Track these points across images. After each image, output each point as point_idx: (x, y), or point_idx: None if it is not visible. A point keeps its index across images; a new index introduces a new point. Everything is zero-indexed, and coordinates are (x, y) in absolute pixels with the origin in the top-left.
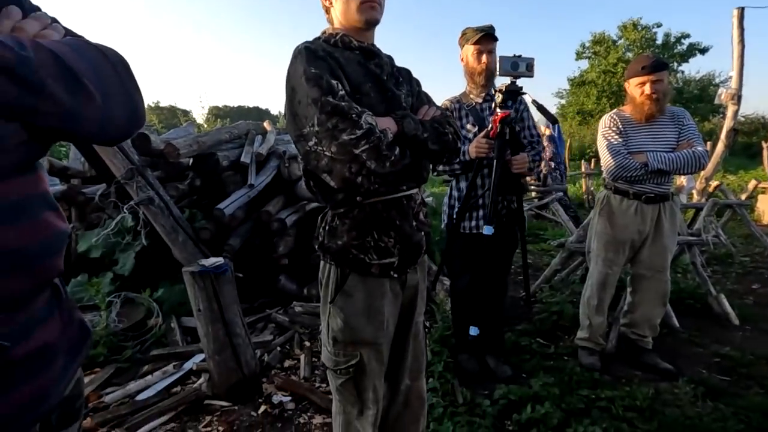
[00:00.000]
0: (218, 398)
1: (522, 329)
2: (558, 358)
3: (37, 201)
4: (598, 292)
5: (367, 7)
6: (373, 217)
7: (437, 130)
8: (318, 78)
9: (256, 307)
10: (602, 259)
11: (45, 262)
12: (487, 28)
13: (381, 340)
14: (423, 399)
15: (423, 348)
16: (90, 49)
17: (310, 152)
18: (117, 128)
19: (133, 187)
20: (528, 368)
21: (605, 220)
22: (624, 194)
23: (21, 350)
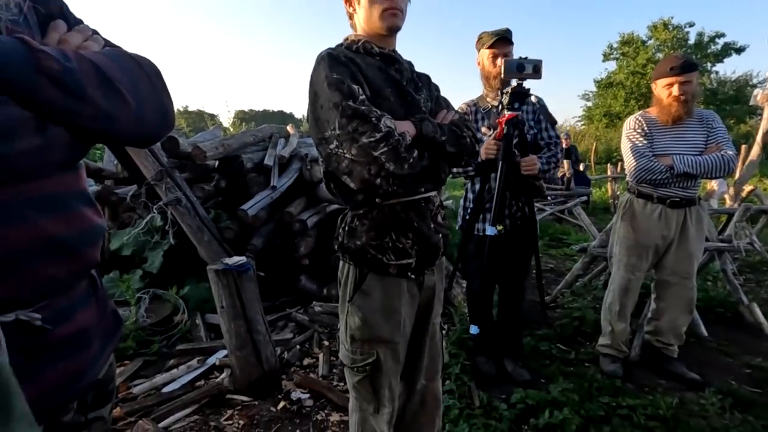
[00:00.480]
0: (239, 393)
1: (542, 334)
2: (578, 364)
3: (76, 196)
4: (620, 298)
5: (389, 14)
6: (392, 218)
7: (455, 133)
8: (339, 83)
9: (277, 306)
10: (624, 264)
11: (82, 251)
12: (503, 32)
13: (397, 339)
14: (439, 399)
15: (439, 349)
16: (126, 59)
17: (331, 155)
18: (149, 130)
19: (162, 188)
20: (547, 373)
21: (628, 225)
22: (647, 198)
23: (61, 333)
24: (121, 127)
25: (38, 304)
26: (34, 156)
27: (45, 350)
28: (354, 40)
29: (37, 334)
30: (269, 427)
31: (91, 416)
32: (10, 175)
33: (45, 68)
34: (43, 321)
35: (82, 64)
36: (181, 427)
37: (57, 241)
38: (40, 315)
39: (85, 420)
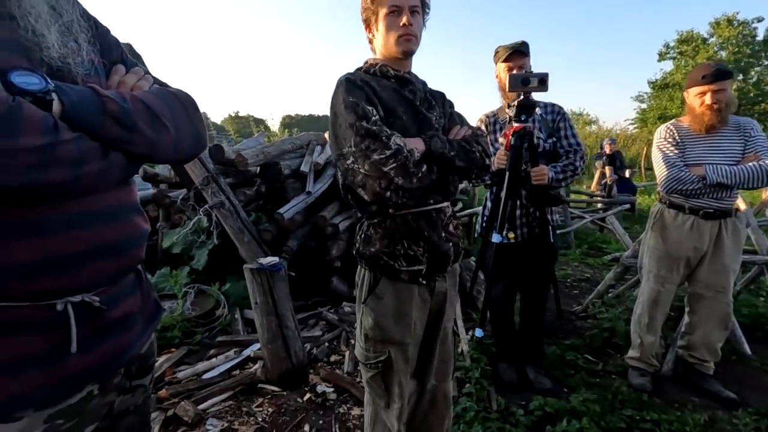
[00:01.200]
0: (270, 383)
1: (569, 344)
2: (605, 375)
3: (128, 207)
4: (650, 310)
5: (403, 40)
6: (404, 227)
7: (464, 149)
8: (355, 105)
9: (309, 305)
10: (654, 275)
11: (130, 252)
12: (517, 46)
13: (408, 341)
14: (449, 400)
15: (451, 352)
16: (168, 96)
17: (348, 169)
18: (184, 152)
19: (208, 192)
20: (571, 383)
21: (657, 235)
22: (679, 209)
23: (113, 314)
24: (163, 152)
25: (96, 290)
26: (99, 176)
27: (102, 327)
28: (372, 64)
29: (96, 314)
30: (295, 416)
31: (135, 383)
32: (81, 191)
33: (109, 110)
34: (100, 303)
35: (135, 103)
36: (217, 410)
37: (111, 243)
38: (98, 298)
39: (130, 386)
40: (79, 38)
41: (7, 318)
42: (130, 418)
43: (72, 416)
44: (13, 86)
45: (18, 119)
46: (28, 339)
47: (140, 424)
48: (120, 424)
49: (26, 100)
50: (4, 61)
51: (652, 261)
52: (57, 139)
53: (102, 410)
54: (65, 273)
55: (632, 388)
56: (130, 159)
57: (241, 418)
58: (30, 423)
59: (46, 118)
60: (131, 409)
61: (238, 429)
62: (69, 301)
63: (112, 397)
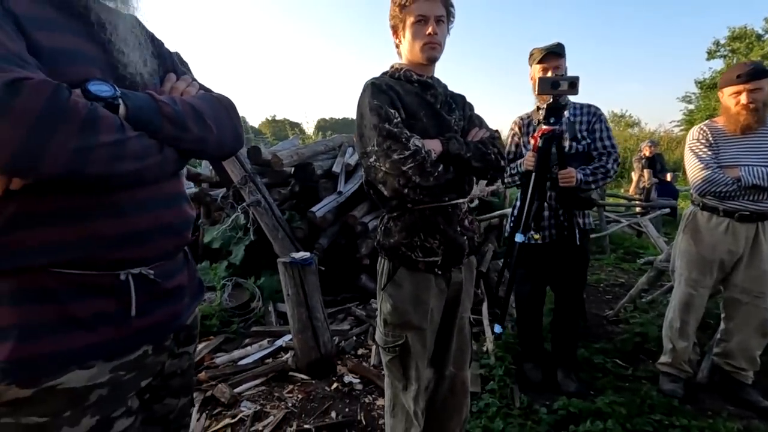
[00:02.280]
0: (300, 372)
1: (599, 347)
2: (635, 380)
3: (179, 195)
4: (681, 314)
5: (428, 47)
6: (421, 221)
7: (480, 150)
8: (379, 108)
9: (339, 301)
10: (686, 279)
11: (182, 233)
12: (552, 47)
13: (425, 326)
14: (466, 388)
15: (468, 341)
16: (211, 99)
17: (371, 167)
18: (226, 149)
19: (245, 191)
20: (598, 386)
21: (689, 238)
22: (713, 211)
23: (167, 285)
24: (209, 147)
25: (153, 265)
26: (157, 168)
27: (157, 296)
28: (398, 68)
29: (151, 285)
30: (323, 403)
31: (181, 350)
32: (144, 180)
33: (164, 112)
34: (155, 276)
35: (185, 106)
36: (251, 394)
37: (168, 224)
38: (153, 272)
39: (178, 351)
40: (146, 54)
41: (87, 282)
42: (177, 380)
43: (131, 369)
44: (89, 93)
45: (97, 119)
46: (101, 300)
47: (185, 386)
48: (169, 383)
49: (99, 105)
50: (93, 75)
51: (684, 264)
52: (125, 136)
53: (156, 368)
54: (136, 246)
55: (662, 394)
56: (180, 154)
57: (273, 402)
58: (99, 371)
59: (115, 119)
60: (178, 372)
61: (270, 412)
62: (130, 273)
63: (163, 358)
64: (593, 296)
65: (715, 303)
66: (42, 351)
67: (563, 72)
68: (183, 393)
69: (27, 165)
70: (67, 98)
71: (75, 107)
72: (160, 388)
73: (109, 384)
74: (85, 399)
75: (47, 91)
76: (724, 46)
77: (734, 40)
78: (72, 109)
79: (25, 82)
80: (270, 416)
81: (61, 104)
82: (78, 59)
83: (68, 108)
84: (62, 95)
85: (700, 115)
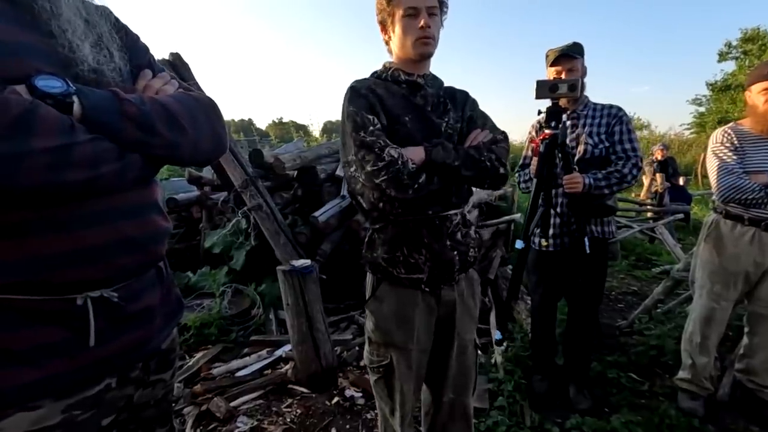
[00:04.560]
0: (299, 384)
1: (612, 360)
2: (652, 397)
3: (148, 206)
4: (702, 329)
5: (420, 43)
6: (404, 234)
7: (472, 158)
8: (354, 115)
9: (341, 308)
10: (707, 291)
11: (150, 248)
12: (565, 49)
13: (411, 347)
14: (468, 415)
15: (471, 366)
16: (188, 99)
17: (351, 177)
18: (204, 154)
19: (247, 195)
20: (613, 403)
21: (711, 248)
22: (737, 219)
23: (131, 308)
24: (182, 153)
25: (116, 286)
26: (114, 176)
27: (120, 321)
28: (386, 68)
29: (114, 308)
30: (323, 419)
31: (154, 378)
32: (99, 190)
33: (127, 113)
34: (119, 299)
35: (154, 105)
36: (248, 408)
37: (131, 239)
38: (117, 294)
39: (149, 380)
40: (111, 47)
41: (29, 308)
42: (151, 410)
43: (89, 407)
44: (36, 90)
45: (33, 121)
46: (48, 330)
47: (160, 417)
48: (141, 415)
49: (48, 103)
50: (40, 70)
51: (706, 275)
52: (72, 140)
53: (119, 403)
54: (89, 265)
55: (682, 412)
56: (149, 160)
57: (270, 418)
58: (48, 412)
59: (62, 119)
60: (151, 403)
61: (267, 428)
62: (88, 296)
63: (129, 390)
64: (605, 304)
65: (736, 314)
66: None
67: (578, 74)
68: (158, 424)
69: None
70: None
71: (4, 105)
72: (128, 421)
73: (61, 426)
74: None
75: None
76: (736, 48)
77: (746, 41)
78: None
79: None
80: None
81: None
82: (19, 51)
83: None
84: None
85: (711, 117)
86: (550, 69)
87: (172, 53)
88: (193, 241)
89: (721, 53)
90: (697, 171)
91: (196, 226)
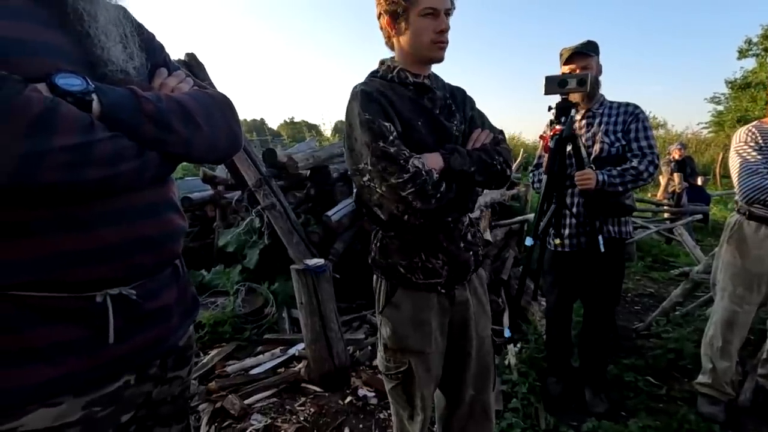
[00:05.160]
0: (312, 383)
1: (629, 363)
2: (670, 401)
3: (165, 204)
4: (723, 333)
5: (437, 47)
6: (421, 240)
7: (484, 162)
8: (371, 123)
9: (353, 308)
10: (729, 294)
11: (167, 246)
12: (579, 46)
13: (428, 350)
14: (488, 412)
15: (490, 362)
16: (204, 96)
17: (364, 186)
18: (219, 152)
19: (260, 194)
20: (630, 407)
21: (734, 249)
22: (761, 221)
23: (149, 306)
24: (198, 151)
25: (134, 284)
26: (133, 174)
27: (138, 318)
28: (390, 67)
29: (132, 306)
30: (336, 418)
31: (171, 375)
32: (118, 188)
33: (145, 110)
34: (137, 297)
35: (170, 103)
36: (261, 406)
37: (149, 238)
38: (135, 291)
39: (166, 377)
40: (134, 47)
41: (49, 306)
42: (167, 407)
43: (108, 404)
44: (56, 88)
45: (54, 119)
46: (68, 327)
47: (177, 413)
48: (158, 411)
49: (68, 101)
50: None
51: (728, 278)
52: (92, 138)
53: (137, 399)
54: (106, 264)
55: (702, 417)
56: (165, 158)
57: (284, 416)
58: (68, 409)
59: (82, 117)
60: (168, 400)
61: (281, 426)
62: (108, 294)
63: (148, 387)
64: (621, 306)
65: (759, 317)
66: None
67: (593, 72)
68: (175, 420)
69: None
70: (17, 93)
71: (26, 103)
72: (147, 418)
73: (81, 423)
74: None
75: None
76: (756, 45)
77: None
78: (21, 106)
79: None
80: (281, 430)
81: (6, 100)
82: (40, 51)
83: (16, 105)
84: (10, 89)
85: (730, 116)
86: (563, 68)
87: (187, 53)
88: (207, 240)
89: (741, 50)
90: (716, 171)
91: (210, 225)
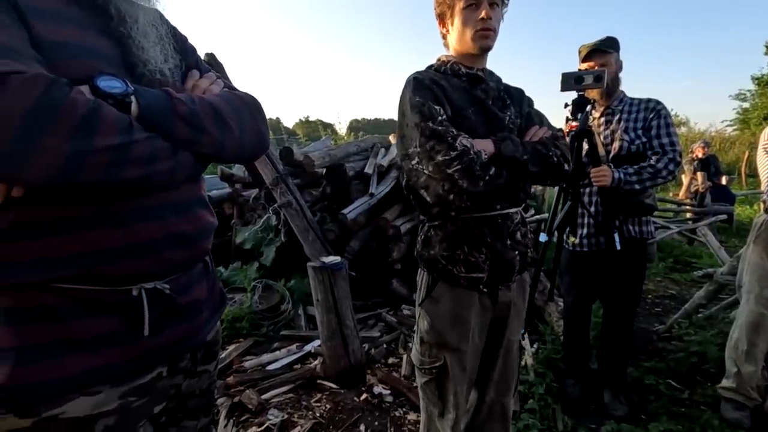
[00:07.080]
0: (328, 380)
1: (650, 366)
2: (692, 406)
3: (197, 201)
4: (749, 336)
5: (480, 35)
6: (465, 232)
7: (540, 153)
8: (421, 105)
9: (369, 306)
10: (755, 296)
11: (198, 243)
12: (597, 44)
13: (465, 348)
14: (506, 416)
15: (515, 367)
16: (234, 98)
17: (412, 170)
18: (248, 152)
19: (277, 192)
20: (651, 410)
21: (761, 250)
22: None
23: (181, 301)
24: (229, 151)
25: (167, 278)
26: (168, 174)
27: (171, 312)
28: (444, 61)
29: (166, 300)
30: (351, 414)
31: (200, 369)
32: (153, 187)
33: (179, 112)
34: (170, 291)
35: (203, 105)
36: (278, 402)
37: (182, 234)
38: (168, 286)
39: (196, 370)
40: (169, 49)
41: (89, 299)
42: (195, 400)
43: (143, 394)
44: (98, 90)
45: (97, 120)
46: (107, 319)
47: (204, 406)
48: (187, 404)
49: (109, 103)
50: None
51: (755, 279)
52: (131, 138)
53: (169, 391)
54: (142, 259)
55: (726, 423)
56: (198, 158)
57: (300, 412)
58: (106, 398)
59: (122, 119)
60: (197, 393)
61: (297, 422)
62: (143, 287)
63: (179, 379)
64: (641, 308)
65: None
66: (41, 376)
67: (612, 69)
68: (203, 413)
69: (8, 171)
70: (65, 95)
71: (72, 105)
72: (176, 410)
73: (118, 412)
74: (89, 430)
75: (39, 87)
76: None
77: None
78: (68, 107)
79: (13, 77)
80: (297, 426)
81: (55, 102)
82: (84, 53)
83: (63, 106)
84: (58, 92)
85: (756, 113)
86: (581, 65)
87: (207, 54)
88: (224, 237)
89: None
90: (741, 169)
91: (227, 223)
